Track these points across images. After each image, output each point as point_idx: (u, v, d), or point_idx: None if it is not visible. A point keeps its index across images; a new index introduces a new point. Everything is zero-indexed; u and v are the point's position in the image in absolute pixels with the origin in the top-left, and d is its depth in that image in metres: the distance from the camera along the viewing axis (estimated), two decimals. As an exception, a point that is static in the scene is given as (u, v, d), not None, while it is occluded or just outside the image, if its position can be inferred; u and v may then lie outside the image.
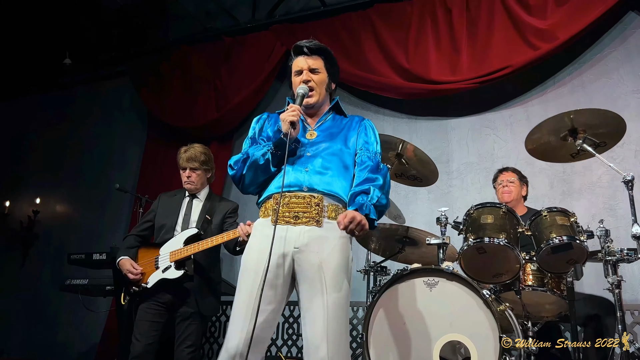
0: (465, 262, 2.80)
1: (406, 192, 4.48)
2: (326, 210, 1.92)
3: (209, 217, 3.14)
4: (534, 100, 4.35)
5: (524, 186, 3.59)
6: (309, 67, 2.09)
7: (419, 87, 4.51)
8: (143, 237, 3.17)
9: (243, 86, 5.25)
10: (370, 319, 2.62)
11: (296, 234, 1.87)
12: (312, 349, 1.78)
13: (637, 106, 4.00)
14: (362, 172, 2.01)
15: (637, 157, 3.92)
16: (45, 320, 5.67)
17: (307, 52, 2.11)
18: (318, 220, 1.89)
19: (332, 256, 1.87)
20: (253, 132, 2.18)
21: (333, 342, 1.77)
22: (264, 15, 5.51)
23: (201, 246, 2.90)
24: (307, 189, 1.91)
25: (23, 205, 6.39)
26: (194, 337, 2.96)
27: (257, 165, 1.98)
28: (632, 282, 3.70)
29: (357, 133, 2.12)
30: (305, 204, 1.89)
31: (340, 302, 1.83)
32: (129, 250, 3.06)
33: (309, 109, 2.14)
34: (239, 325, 1.80)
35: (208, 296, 3.05)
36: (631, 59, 4.12)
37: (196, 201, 3.21)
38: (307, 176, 1.93)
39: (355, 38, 4.90)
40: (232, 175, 2.07)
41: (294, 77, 2.14)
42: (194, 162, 3.18)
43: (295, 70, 2.13)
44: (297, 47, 2.12)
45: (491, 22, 4.38)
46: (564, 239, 2.61)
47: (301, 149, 2.01)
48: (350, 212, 1.83)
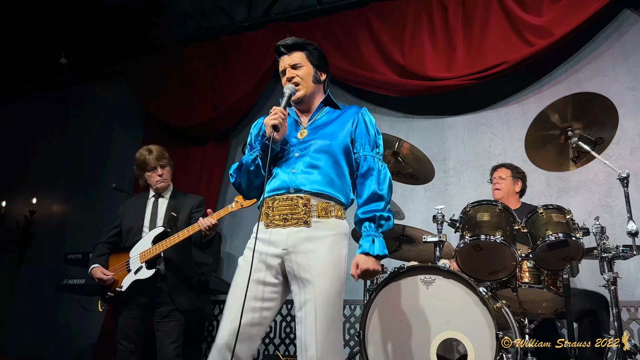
0: (462, 260, 2.81)
1: (403, 190, 4.48)
2: (315, 210, 1.91)
3: (175, 214, 3.16)
4: (530, 98, 4.36)
5: (518, 182, 3.59)
6: (289, 64, 2.08)
7: (415, 84, 4.51)
8: (113, 243, 3.18)
9: (240, 85, 5.24)
10: (368, 317, 2.62)
11: (284, 236, 1.89)
12: (302, 348, 1.79)
13: (633, 103, 4.01)
14: (368, 182, 1.97)
15: (633, 154, 3.93)
16: (42, 320, 5.66)
17: (284, 50, 2.11)
18: (306, 221, 1.89)
19: (321, 255, 1.87)
20: (250, 138, 2.17)
21: (322, 341, 1.78)
22: (260, 14, 5.50)
23: (169, 242, 2.94)
24: (294, 190, 1.92)
25: (19, 205, 6.37)
26: (176, 333, 2.98)
27: (249, 171, 2.01)
28: (628, 279, 3.71)
29: (353, 125, 2.06)
30: (293, 206, 1.90)
31: (329, 300, 1.83)
32: (99, 258, 3.08)
33: (299, 104, 2.13)
34: (229, 320, 1.83)
35: (184, 292, 3.06)
36: (627, 57, 4.13)
37: (161, 200, 3.23)
38: (293, 177, 1.93)
39: (351, 36, 4.90)
40: (232, 183, 2.11)
41: (282, 79, 2.13)
42: (163, 160, 3.23)
43: (280, 71, 2.13)
44: (276, 48, 2.13)
45: (487, 18, 4.39)
46: (560, 236, 2.61)
47: (290, 149, 2.01)
48: (361, 261, 1.87)
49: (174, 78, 5.70)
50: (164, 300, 2.99)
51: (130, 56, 6.04)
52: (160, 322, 2.99)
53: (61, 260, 4.38)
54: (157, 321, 3.00)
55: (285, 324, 4.52)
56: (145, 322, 3.02)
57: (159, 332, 2.98)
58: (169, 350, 2.93)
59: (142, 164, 3.21)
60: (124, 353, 2.93)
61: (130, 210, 3.23)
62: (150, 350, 3.07)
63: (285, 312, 4.54)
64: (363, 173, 2.00)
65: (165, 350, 2.93)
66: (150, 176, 3.21)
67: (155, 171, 3.20)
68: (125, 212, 3.25)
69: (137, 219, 3.15)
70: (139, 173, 3.25)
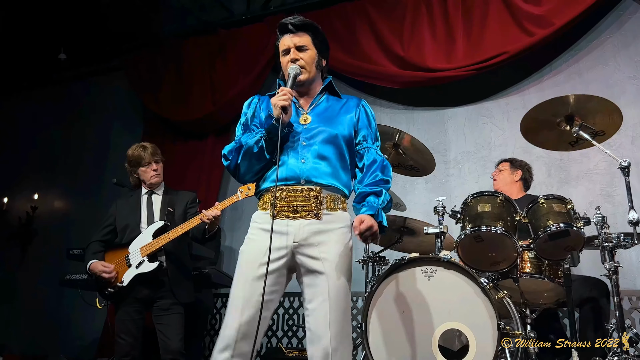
0: (463, 251, 2.81)
1: (404, 182, 4.48)
2: (325, 202, 1.89)
3: (171, 209, 3.17)
4: (531, 88, 4.34)
5: (517, 170, 3.59)
6: (295, 44, 1.99)
7: (415, 76, 4.50)
8: (106, 241, 3.17)
9: (239, 79, 5.23)
10: (369, 309, 2.63)
11: (296, 228, 1.86)
12: (315, 339, 1.79)
13: (634, 92, 4.00)
14: (372, 169, 1.97)
15: (634, 144, 3.92)
16: (45, 315, 5.68)
17: (292, 29, 2.00)
18: (317, 214, 1.87)
19: (332, 248, 1.86)
20: (245, 117, 2.09)
21: (335, 332, 1.78)
22: (259, 7, 5.48)
23: (171, 235, 2.94)
24: (305, 182, 1.88)
25: (21, 201, 6.38)
26: (178, 326, 2.98)
27: (251, 154, 1.92)
28: (630, 268, 3.71)
29: (356, 117, 2.04)
30: (304, 198, 1.87)
31: (341, 292, 1.83)
32: (95, 255, 3.07)
33: (300, 87, 2.05)
34: (236, 316, 1.81)
35: (183, 284, 3.07)
36: (627, 45, 4.11)
37: (155, 196, 3.24)
38: (304, 168, 1.89)
39: (351, 28, 4.88)
40: (227, 165, 2.00)
41: (281, 57, 2.03)
42: (157, 155, 3.25)
43: (282, 49, 2.02)
44: (281, 25, 2.02)
45: (486, 8, 4.37)
46: (561, 226, 2.61)
47: (296, 135, 1.95)
48: (367, 218, 1.82)
49: (173, 73, 5.69)
50: (164, 294, 2.99)
51: (129, 51, 6.03)
52: (161, 315, 2.99)
53: (64, 256, 4.39)
54: (158, 315, 3.00)
55: (288, 316, 4.53)
56: (143, 316, 3.02)
57: (160, 325, 2.97)
58: (173, 343, 2.92)
59: (137, 159, 3.21)
60: (124, 347, 2.91)
61: (124, 208, 3.22)
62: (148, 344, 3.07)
63: (288, 304, 4.55)
64: (368, 164, 2.00)
65: (169, 343, 2.92)
66: (144, 171, 3.21)
67: (150, 166, 3.21)
68: (119, 210, 3.23)
69: (133, 215, 3.15)
70: (132, 169, 3.25)
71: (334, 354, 1.76)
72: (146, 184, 3.24)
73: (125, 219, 3.16)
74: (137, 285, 2.96)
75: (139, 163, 3.21)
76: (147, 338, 3.07)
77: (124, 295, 2.96)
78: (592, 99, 2.77)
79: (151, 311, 3.02)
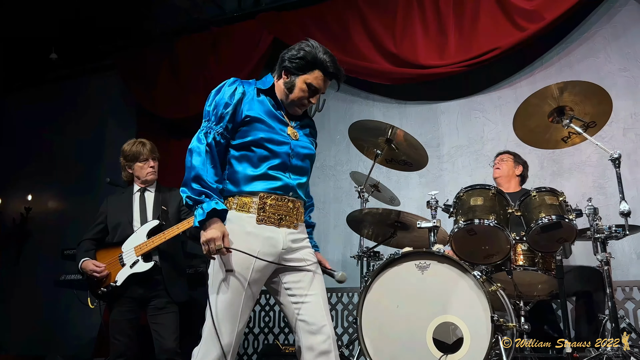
0: (457, 245, 2.83)
1: (397, 177, 4.49)
2: (300, 214, 2.02)
3: (164, 208, 3.14)
4: (523, 81, 4.36)
5: (519, 166, 3.65)
6: (324, 90, 2.04)
7: (408, 72, 4.51)
8: (98, 239, 3.14)
9: (232, 76, 5.14)
10: (364, 304, 2.65)
11: (282, 236, 1.93)
12: (315, 329, 1.88)
13: (625, 84, 4.02)
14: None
15: (626, 135, 3.95)
16: (41, 316, 5.67)
17: (329, 77, 2.00)
18: (296, 225, 1.98)
19: (308, 251, 2.01)
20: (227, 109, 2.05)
21: (329, 321, 1.93)
22: (250, 4, 5.47)
23: (167, 235, 2.93)
24: (292, 194, 1.98)
25: (15, 202, 6.36)
26: (173, 325, 2.97)
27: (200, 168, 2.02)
28: (623, 259, 3.74)
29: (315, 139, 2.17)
30: (289, 208, 1.96)
31: (324, 288, 2.00)
32: (87, 253, 3.04)
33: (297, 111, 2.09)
34: (232, 325, 1.89)
35: (178, 283, 3.06)
36: (617, 38, 4.13)
37: (148, 194, 3.21)
38: (292, 181, 1.97)
39: (343, 24, 4.88)
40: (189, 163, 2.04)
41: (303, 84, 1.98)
42: (155, 152, 3.23)
43: (313, 84, 1.98)
44: (330, 72, 1.99)
45: (477, 4, 4.38)
46: (553, 218, 2.64)
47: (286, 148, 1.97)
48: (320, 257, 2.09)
49: (166, 71, 5.68)
50: (158, 293, 2.97)
51: (121, 49, 6.01)
52: (155, 315, 2.97)
53: (58, 256, 4.38)
54: (152, 314, 2.97)
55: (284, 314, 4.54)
56: (138, 316, 2.99)
57: (155, 324, 2.95)
58: (169, 342, 2.90)
59: (135, 155, 3.17)
60: (120, 347, 2.89)
61: (116, 206, 3.18)
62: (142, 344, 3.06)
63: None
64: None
65: (164, 342, 2.90)
66: (141, 167, 3.17)
67: (147, 162, 3.18)
68: (110, 207, 3.19)
69: (125, 213, 3.12)
70: (127, 164, 3.20)
71: (334, 340, 1.90)
72: (140, 181, 3.20)
73: (117, 217, 3.12)
74: (131, 285, 2.93)
75: (137, 158, 3.17)
76: (143, 337, 3.07)
77: (118, 295, 2.94)
78: (580, 84, 2.77)
79: (146, 311, 3.00)
